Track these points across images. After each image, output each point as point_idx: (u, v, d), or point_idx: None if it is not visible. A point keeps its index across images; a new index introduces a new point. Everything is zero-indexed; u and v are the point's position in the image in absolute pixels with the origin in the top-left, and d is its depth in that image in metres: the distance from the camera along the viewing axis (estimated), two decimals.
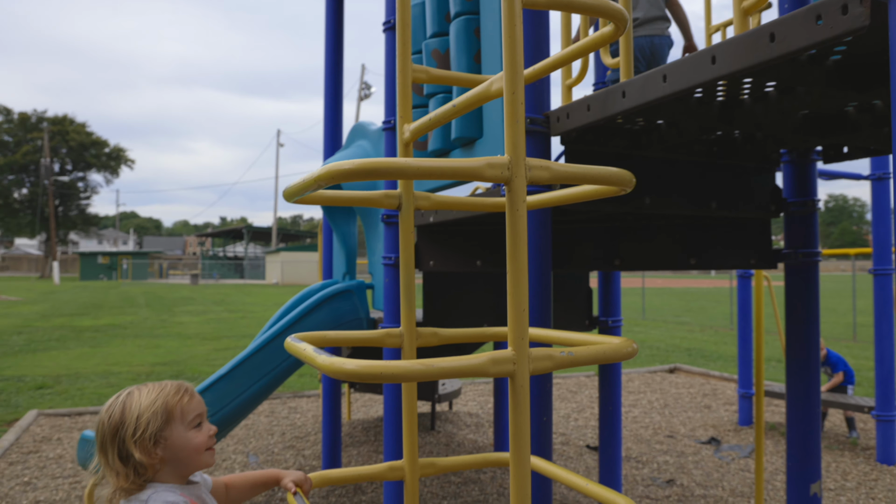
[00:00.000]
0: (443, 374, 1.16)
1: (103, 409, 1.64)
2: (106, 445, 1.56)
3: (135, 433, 1.54)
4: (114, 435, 1.56)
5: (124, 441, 1.55)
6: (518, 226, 1.21)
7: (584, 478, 1.63)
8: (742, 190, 2.86)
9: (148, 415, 1.57)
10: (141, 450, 1.54)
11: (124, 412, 1.58)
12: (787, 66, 1.69)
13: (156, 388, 1.63)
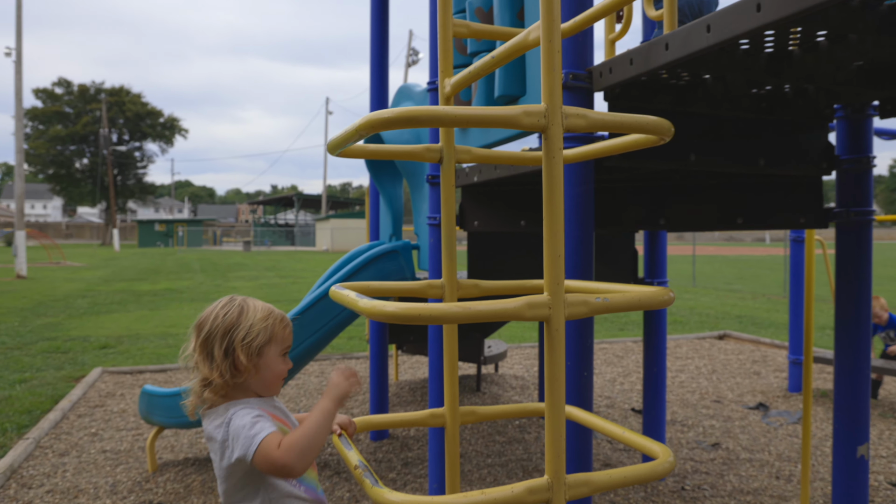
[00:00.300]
0: (480, 316, 1.20)
1: (217, 307, 1.77)
2: (214, 338, 1.70)
3: (244, 338, 1.69)
4: (225, 332, 1.70)
5: (233, 341, 1.69)
6: (554, 173, 1.23)
7: (620, 426, 1.66)
8: (792, 147, 2.80)
9: (259, 327, 1.71)
10: (245, 354, 1.69)
11: (241, 316, 1.72)
12: (838, 12, 1.65)
13: (267, 308, 1.77)
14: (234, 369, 1.70)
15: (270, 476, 1.67)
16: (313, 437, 1.57)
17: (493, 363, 6.77)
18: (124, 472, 4.46)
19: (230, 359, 1.69)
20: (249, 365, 1.69)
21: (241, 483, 1.69)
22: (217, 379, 1.69)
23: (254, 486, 1.69)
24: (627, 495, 4.09)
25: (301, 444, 1.56)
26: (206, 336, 1.72)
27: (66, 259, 31.21)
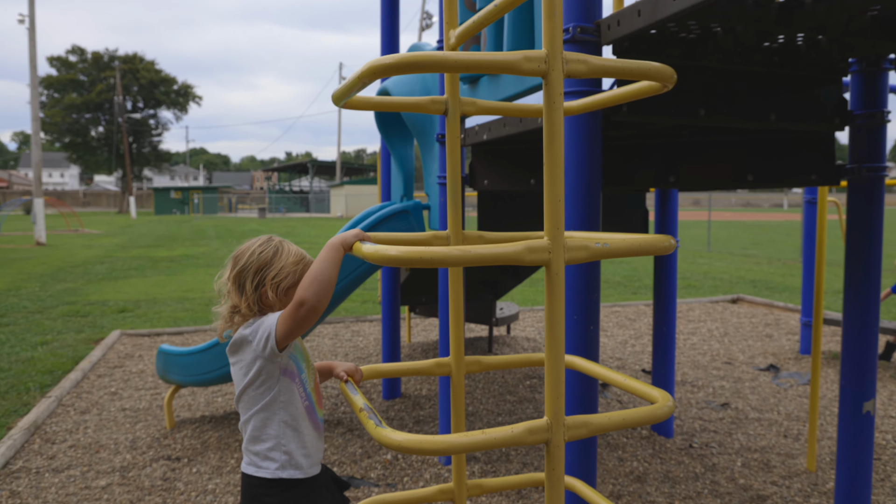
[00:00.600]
0: (480, 259, 1.22)
1: (255, 244, 1.89)
2: (248, 273, 1.82)
3: (275, 277, 1.81)
4: (259, 269, 1.82)
5: (264, 278, 1.81)
6: (555, 118, 1.24)
7: (622, 374, 1.69)
8: (804, 102, 2.77)
9: (290, 270, 1.83)
10: (273, 292, 1.81)
11: (275, 257, 1.84)
12: None
13: (300, 254, 1.88)
14: (261, 303, 1.82)
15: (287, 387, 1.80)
16: (321, 271, 1.64)
17: (505, 325, 6.81)
18: (143, 429, 4.57)
19: (258, 293, 1.81)
20: (276, 301, 1.81)
21: (261, 380, 1.80)
22: (244, 309, 1.82)
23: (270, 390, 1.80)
24: (636, 452, 4.15)
25: (309, 278, 1.65)
26: (240, 269, 1.84)
27: (84, 227, 31.54)
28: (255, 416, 1.83)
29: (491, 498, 3.53)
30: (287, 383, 1.81)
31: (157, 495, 3.57)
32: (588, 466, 2.29)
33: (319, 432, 1.90)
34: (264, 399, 1.81)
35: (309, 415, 1.85)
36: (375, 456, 4.09)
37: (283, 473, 1.80)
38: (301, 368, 1.85)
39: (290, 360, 1.82)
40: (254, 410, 1.83)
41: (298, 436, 1.82)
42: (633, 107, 2.39)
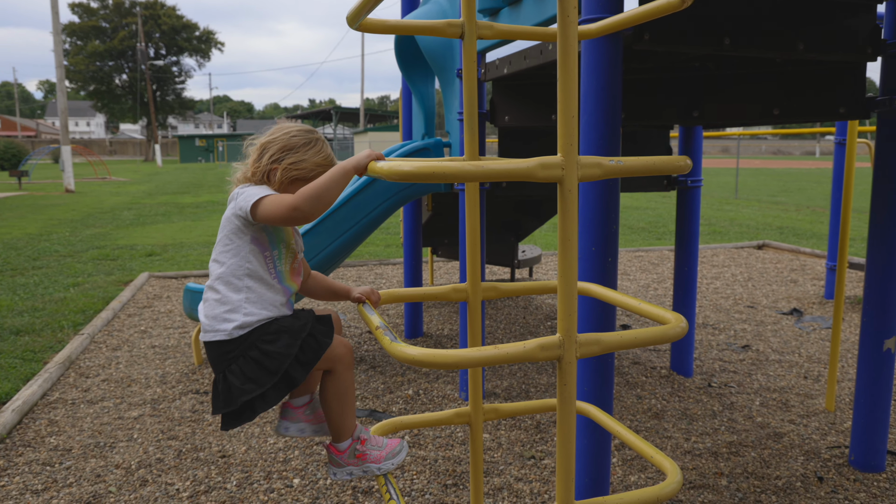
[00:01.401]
0: (494, 174, 1.22)
1: (297, 126, 1.90)
2: (272, 148, 1.85)
3: (293, 164, 1.83)
4: (284, 148, 1.84)
5: (283, 159, 1.83)
6: (568, 34, 1.22)
7: (636, 298, 1.70)
8: (834, 31, 2.68)
9: (310, 166, 1.84)
10: (283, 175, 1.83)
11: (304, 147, 1.85)
12: None
13: (329, 158, 1.87)
14: (267, 177, 1.85)
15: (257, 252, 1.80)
16: (325, 188, 1.65)
17: (528, 267, 6.83)
18: (172, 365, 4.71)
19: (269, 167, 1.84)
20: (279, 184, 1.83)
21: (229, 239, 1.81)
22: (250, 174, 1.86)
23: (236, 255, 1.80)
24: (654, 390, 4.19)
25: (313, 190, 1.65)
26: (269, 140, 1.87)
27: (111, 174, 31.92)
28: (218, 280, 1.81)
29: (510, 432, 3.60)
30: (256, 252, 1.80)
31: (186, 426, 3.70)
32: (604, 394, 2.33)
33: (288, 310, 1.87)
34: (229, 261, 1.79)
35: (274, 292, 1.82)
36: (397, 391, 4.18)
37: (243, 330, 1.77)
38: (273, 245, 1.83)
39: (263, 231, 1.81)
40: (218, 273, 1.81)
41: (262, 305, 1.80)
42: (656, 35, 2.34)
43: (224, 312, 1.78)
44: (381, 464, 1.89)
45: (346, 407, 1.91)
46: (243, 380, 1.76)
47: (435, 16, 3.88)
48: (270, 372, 1.75)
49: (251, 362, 1.77)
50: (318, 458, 3.32)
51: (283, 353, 1.75)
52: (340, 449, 1.91)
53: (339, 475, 1.93)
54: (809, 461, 3.26)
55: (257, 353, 1.76)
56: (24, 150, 37.88)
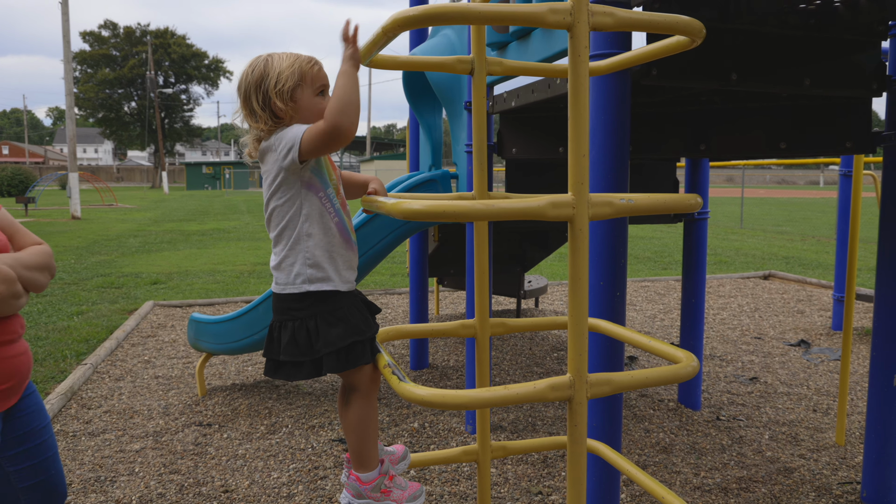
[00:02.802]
0: (504, 214, 1.22)
1: (245, 68, 1.91)
2: (250, 93, 1.85)
3: (276, 85, 1.82)
4: (258, 85, 1.84)
5: (267, 90, 1.83)
6: (580, 73, 1.23)
7: (646, 335, 1.68)
8: (841, 67, 2.69)
9: (287, 73, 1.83)
10: (279, 99, 1.82)
11: (267, 68, 1.85)
12: None
13: (292, 55, 1.88)
14: (275, 116, 1.84)
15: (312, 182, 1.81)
16: (345, 95, 1.66)
17: (534, 298, 6.81)
18: (175, 396, 4.68)
19: (268, 108, 1.83)
20: (287, 109, 1.82)
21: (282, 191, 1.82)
22: (263, 128, 1.84)
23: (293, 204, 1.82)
24: (662, 424, 4.14)
25: (335, 104, 1.67)
26: (244, 94, 1.87)
27: (118, 201, 32.10)
28: (282, 233, 1.83)
29: (517, 467, 3.55)
30: (310, 197, 1.81)
31: (188, 459, 3.66)
32: (613, 431, 2.30)
33: (351, 248, 1.89)
34: (288, 214, 1.81)
35: (339, 230, 1.85)
36: (402, 424, 4.13)
37: (311, 287, 1.80)
38: (326, 183, 1.85)
39: (313, 173, 1.82)
40: (280, 227, 1.83)
41: (328, 250, 1.82)
42: (663, 70, 2.35)
43: (292, 265, 1.82)
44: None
45: (370, 433, 1.88)
46: (290, 343, 1.80)
47: (443, 49, 3.91)
48: (314, 349, 1.78)
49: (304, 331, 1.80)
50: (322, 494, 3.28)
51: (331, 342, 1.77)
52: (366, 480, 1.87)
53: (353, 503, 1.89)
54: (821, 497, 3.20)
55: (314, 326, 1.80)
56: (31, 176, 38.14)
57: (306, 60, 1.85)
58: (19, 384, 1.77)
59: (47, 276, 1.80)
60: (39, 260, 1.77)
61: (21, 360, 1.76)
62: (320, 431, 4.02)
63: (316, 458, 3.67)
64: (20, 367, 1.75)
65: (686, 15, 2.39)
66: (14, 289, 1.65)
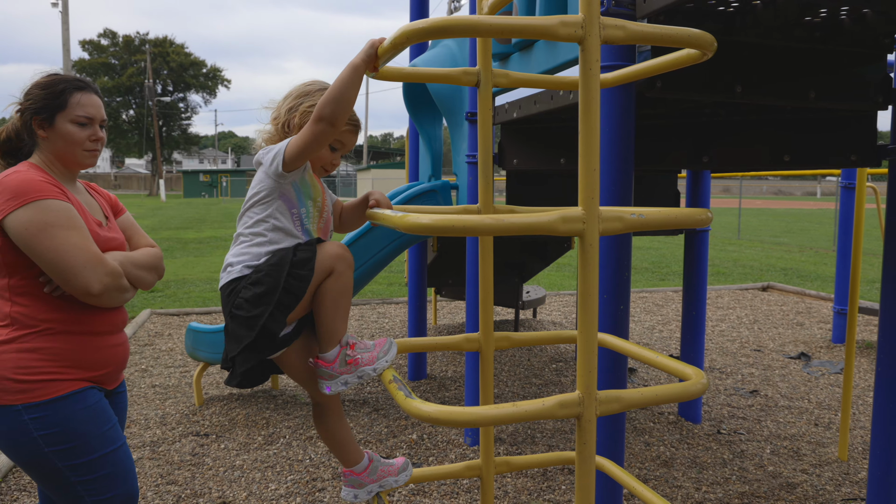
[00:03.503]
0: (513, 228, 1.20)
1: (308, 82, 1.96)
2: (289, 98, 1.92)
3: (309, 107, 1.86)
4: (299, 96, 1.91)
5: (300, 105, 1.89)
6: (591, 87, 1.21)
7: (654, 351, 1.66)
8: (846, 79, 2.68)
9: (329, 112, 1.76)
10: (301, 118, 1.87)
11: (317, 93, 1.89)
12: None
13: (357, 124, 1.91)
14: (287, 128, 1.89)
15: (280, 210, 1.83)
16: (340, 88, 1.66)
17: (532, 308, 6.78)
18: (173, 406, 4.64)
19: (289, 116, 1.89)
20: (300, 127, 1.85)
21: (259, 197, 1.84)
22: (274, 130, 1.91)
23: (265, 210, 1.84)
24: (663, 437, 4.11)
25: (330, 94, 1.67)
26: (286, 97, 1.94)
27: None
28: (244, 233, 1.85)
29: (517, 480, 3.52)
30: (282, 209, 1.82)
31: (186, 470, 3.62)
32: (616, 446, 2.27)
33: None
34: (257, 216, 1.83)
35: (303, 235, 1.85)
36: (401, 435, 4.10)
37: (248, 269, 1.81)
38: (301, 202, 1.85)
39: (292, 188, 1.82)
40: (244, 226, 1.86)
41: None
42: (668, 83, 2.34)
43: (247, 259, 1.83)
44: (374, 364, 1.75)
45: (341, 309, 1.82)
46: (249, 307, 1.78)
47: (444, 60, 3.90)
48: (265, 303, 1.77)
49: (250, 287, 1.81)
50: None
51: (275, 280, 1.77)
52: (329, 359, 1.79)
53: (335, 387, 1.78)
54: None
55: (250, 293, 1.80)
56: None
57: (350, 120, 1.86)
58: (115, 371, 2.01)
59: (154, 275, 2.05)
60: (149, 260, 2.03)
61: (119, 350, 2.00)
62: (318, 442, 3.98)
63: (314, 469, 3.63)
64: (118, 356, 2.00)
65: (691, 27, 2.38)
66: (119, 282, 1.88)
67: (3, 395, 1.80)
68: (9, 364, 1.80)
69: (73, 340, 1.88)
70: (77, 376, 1.88)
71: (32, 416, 1.80)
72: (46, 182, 1.85)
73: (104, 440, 1.90)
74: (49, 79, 2.00)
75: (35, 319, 1.84)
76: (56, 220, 1.80)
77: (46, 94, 1.96)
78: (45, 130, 1.94)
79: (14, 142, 2.00)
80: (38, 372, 1.82)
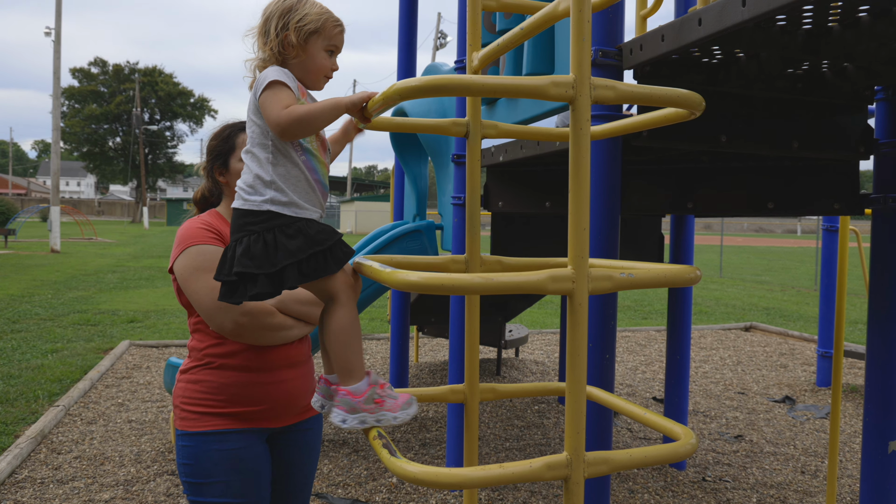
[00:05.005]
0: (502, 288, 1.18)
1: None
2: (273, 17, 1.82)
3: (299, 21, 1.79)
4: (283, 13, 1.81)
5: (289, 22, 1.79)
6: (581, 144, 1.21)
7: (642, 407, 1.63)
8: (828, 129, 2.72)
9: (314, 17, 1.80)
10: (296, 35, 1.78)
11: (298, 3, 1.82)
12: None
13: (324, 7, 1.85)
14: (283, 48, 1.81)
15: None
16: (314, 114, 1.62)
17: (514, 347, 6.75)
18: (148, 442, 4.54)
19: (281, 37, 1.80)
20: (297, 46, 1.79)
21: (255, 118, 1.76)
22: (268, 55, 1.81)
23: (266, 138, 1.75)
24: (647, 484, 4.07)
25: (300, 112, 1.63)
26: (266, 16, 1.84)
27: (98, 235, 31.76)
28: (250, 152, 1.77)
29: None
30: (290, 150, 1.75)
31: None
32: (601, 499, 2.23)
33: (319, 191, 1.80)
34: (257, 135, 1.76)
35: (307, 168, 1.76)
36: (381, 479, 4.02)
37: (273, 207, 1.72)
38: None
39: None
40: (250, 144, 1.78)
41: (295, 185, 1.75)
42: (654, 132, 2.36)
43: (258, 183, 1.75)
44: (397, 413, 1.66)
45: (354, 342, 1.73)
46: (244, 254, 1.73)
47: (431, 104, 3.93)
48: (270, 262, 1.70)
49: (261, 243, 1.72)
50: None
51: (290, 252, 1.70)
52: (358, 392, 1.68)
53: (350, 422, 1.67)
54: None
55: (271, 239, 1.72)
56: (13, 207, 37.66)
57: (333, 19, 1.85)
58: (277, 409, 2.05)
59: (317, 309, 2.03)
60: (309, 296, 2.03)
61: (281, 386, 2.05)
62: None
63: None
64: (279, 393, 2.04)
65: (675, 78, 2.41)
66: (263, 321, 1.95)
67: (176, 418, 2.03)
68: (179, 392, 2.03)
69: (231, 375, 1.99)
70: (231, 411, 1.98)
71: (183, 443, 2.00)
72: (203, 228, 2.00)
73: (227, 489, 1.97)
74: (218, 129, 2.16)
75: (202, 353, 2.01)
76: (202, 264, 1.94)
77: (218, 143, 2.12)
78: (224, 176, 2.10)
79: (208, 198, 2.20)
80: (195, 403, 1.99)
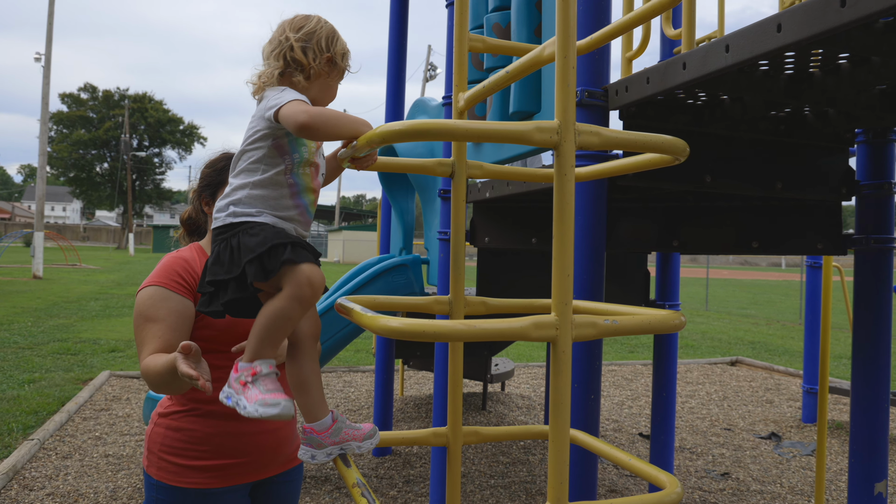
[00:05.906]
0: (485, 334, 1.16)
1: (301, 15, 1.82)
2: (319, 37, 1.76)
3: (319, 43, 1.75)
4: (330, 36, 1.78)
5: (309, 42, 1.74)
6: (566, 190, 1.20)
7: (627, 453, 1.61)
8: (811, 171, 2.75)
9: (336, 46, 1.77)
10: (314, 57, 1.74)
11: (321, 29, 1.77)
12: (861, 34, 1.61)
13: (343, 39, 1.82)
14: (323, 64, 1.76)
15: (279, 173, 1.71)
16: (338, 118, 1.56)
17: (500, 382, 6.70)
18: (125, 478, 4.43)
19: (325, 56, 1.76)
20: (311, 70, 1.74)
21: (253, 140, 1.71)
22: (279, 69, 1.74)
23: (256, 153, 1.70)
24: None
25: (327, 115, 1.58)
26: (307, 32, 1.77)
27: (82, 261, 31.45)
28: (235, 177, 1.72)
29: None
30: (274, 156, 1.70)
31: None
32: None
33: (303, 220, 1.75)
34: (247, 161, 1.71)
35: (291, 193, 1.71)
36: None
37: (245, 218, 1.68)
38: (295, 150, 1.72)
39: (287, 137, 1.71)
40: (235, 171, 1.73)
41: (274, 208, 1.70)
42: (640, 172, 2.37)
43: (238, 206, 1.71)
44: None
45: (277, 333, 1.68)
46: (215, 263, 1.71)
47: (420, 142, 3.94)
48: (236, 264, 1.67)
49: (228, 249, 1.70)
50: None
51: (251, 249, 1.65)
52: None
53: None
54: None
55: (236, 242, 1.69)
56: None
57: (348, 52, 1.83)
58: (260, 461, 1.99)
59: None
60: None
61: (262, 437, 1.98)
62: None
63: None
64: (260, 444, 1.98)
65: (660, 119, 2.43)
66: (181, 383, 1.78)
67: (149, 464, 1.94)
68: (157, 439, 1.93)
69: (217, 424, 1.91)
70: (215, 464, 1.92)
71: (158, 495, 1.92)
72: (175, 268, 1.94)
73: None
74: (215, 157, 2.06)
75: (186, 398, 1.93)
76: (147, 311, 1.88)
77: (210, 173, 2.04)
78: (209, 206, 2.01)
79: (195, 220, 2.11)
80: (175, 453, 1.91)
